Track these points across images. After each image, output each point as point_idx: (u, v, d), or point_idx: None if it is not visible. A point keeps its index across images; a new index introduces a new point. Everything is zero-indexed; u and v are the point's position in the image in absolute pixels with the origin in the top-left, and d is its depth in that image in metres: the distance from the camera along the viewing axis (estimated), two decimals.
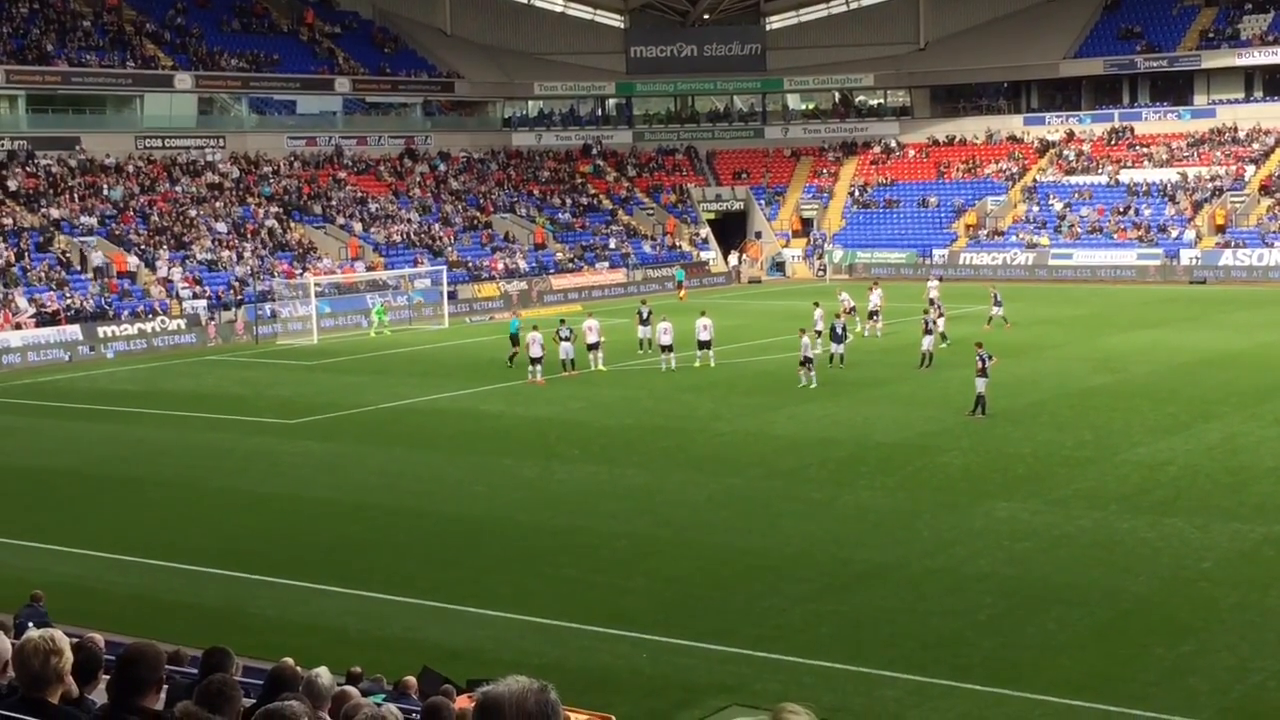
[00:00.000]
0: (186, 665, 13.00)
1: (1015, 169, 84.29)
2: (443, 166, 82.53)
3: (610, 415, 38.20)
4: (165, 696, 6.25)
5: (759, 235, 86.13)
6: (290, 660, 11.35)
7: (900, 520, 26.10)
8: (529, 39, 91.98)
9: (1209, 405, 36.29)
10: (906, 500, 27.60)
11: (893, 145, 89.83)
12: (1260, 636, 19.38)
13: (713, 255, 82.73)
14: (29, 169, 66.99)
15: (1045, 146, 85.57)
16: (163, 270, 62.09)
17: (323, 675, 9.86)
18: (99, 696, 6.81)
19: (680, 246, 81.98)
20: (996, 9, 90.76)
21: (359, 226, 72.24)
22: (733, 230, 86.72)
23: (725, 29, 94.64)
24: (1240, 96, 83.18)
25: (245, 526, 27.56)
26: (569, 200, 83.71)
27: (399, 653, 19.21)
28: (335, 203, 74.27)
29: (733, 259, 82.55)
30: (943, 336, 47.32)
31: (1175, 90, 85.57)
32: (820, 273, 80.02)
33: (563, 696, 15.38)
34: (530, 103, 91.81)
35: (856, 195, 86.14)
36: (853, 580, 22.69)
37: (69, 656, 5.89)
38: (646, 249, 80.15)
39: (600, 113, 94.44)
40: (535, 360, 43.57)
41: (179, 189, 70.22)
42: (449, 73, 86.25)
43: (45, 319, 55.25)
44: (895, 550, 24.14)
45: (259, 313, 59.74)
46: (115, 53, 73.65)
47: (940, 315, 48.20)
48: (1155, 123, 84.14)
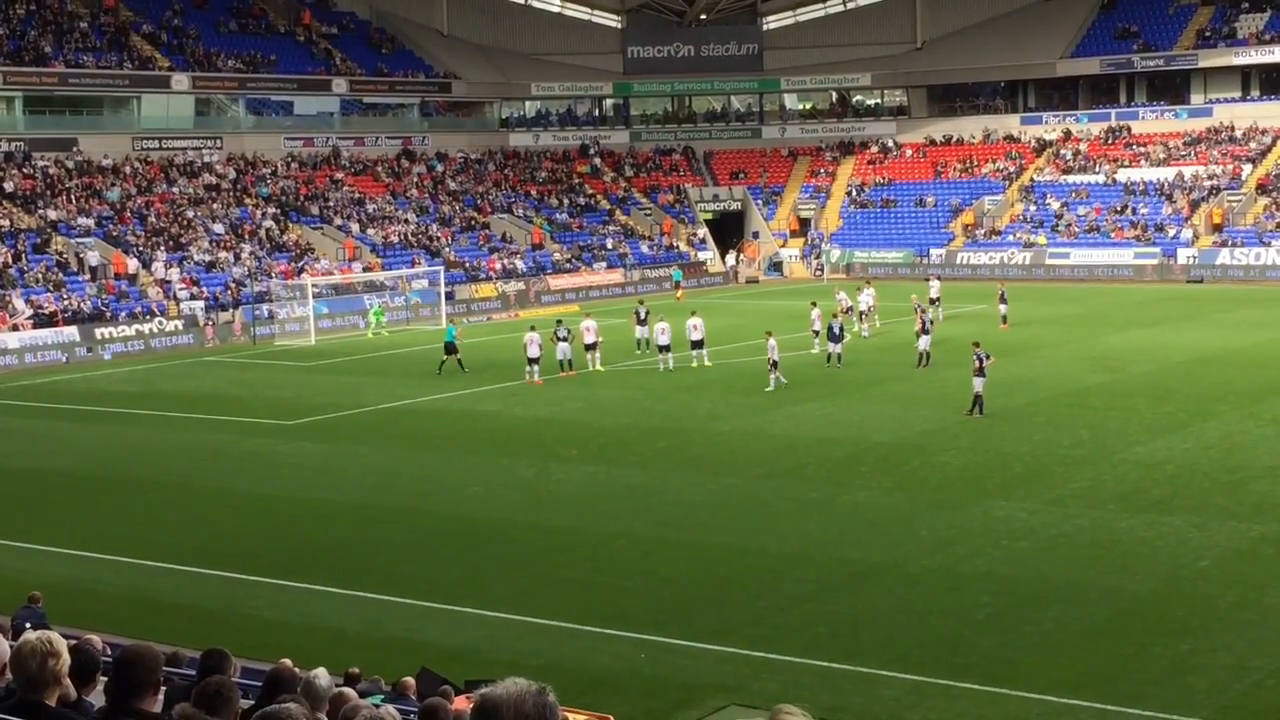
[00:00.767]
0: (184, 667, 12.99)
1: (1012, 168, 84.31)
2: (440, 167, 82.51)
3: (608, 415, 38.20)
4: (163, 698, 6.24)
5: (756, 235, 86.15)
6: (288, 661, 11.34)
7: (898, 520, 26.10)
8: (526, 39, 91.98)
9: (1206, 404, 36.29)
10: (904, 500, 27.60)
11: (890, 145, 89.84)
12: (1258, 635, 19.38)
13: (710, 255, 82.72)
14: (26, 170, 66.95)
15: (1042, 146, 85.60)
16: (160, 271, 62.05)
17: (321, 676, 9.86)
18: (97, 698, 6.80)
19: (678, 247, 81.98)
20: (993, 8, 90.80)
21: (356, 227, 72.22)
22: (730, 230, 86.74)
23: (722, 29, 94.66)
24: (1237, 95, 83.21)
25: (243, 527, 27.55)
26: (566, 200, 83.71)
27: (397, 653, 19.20)
28: (332, 203, 74.25)
29: (730, 259, 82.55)
30: (918, 335, 46.86)
31: (1172, 89, 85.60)
32: (818, 273, 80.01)
33: (561, 697, 15.34)
34: (527, 103, 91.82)
35: (854, 195, 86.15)
36: (851, 580, 22.69)
37: (66, 658, 5.88)
38: (644, 249, 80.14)
39: (597, 113, 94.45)
40: (533, 361, 43.56)
41: (176, 190, 70.20)
42: (446, 73, 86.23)
43: (43, 320, 55.22)
44: (893, 550, 24.14)
45: (256, 314, 59.73)
46: (112, 54, 73.60)
47: (921, 309, 47.61)
48: (1152, 122, 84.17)
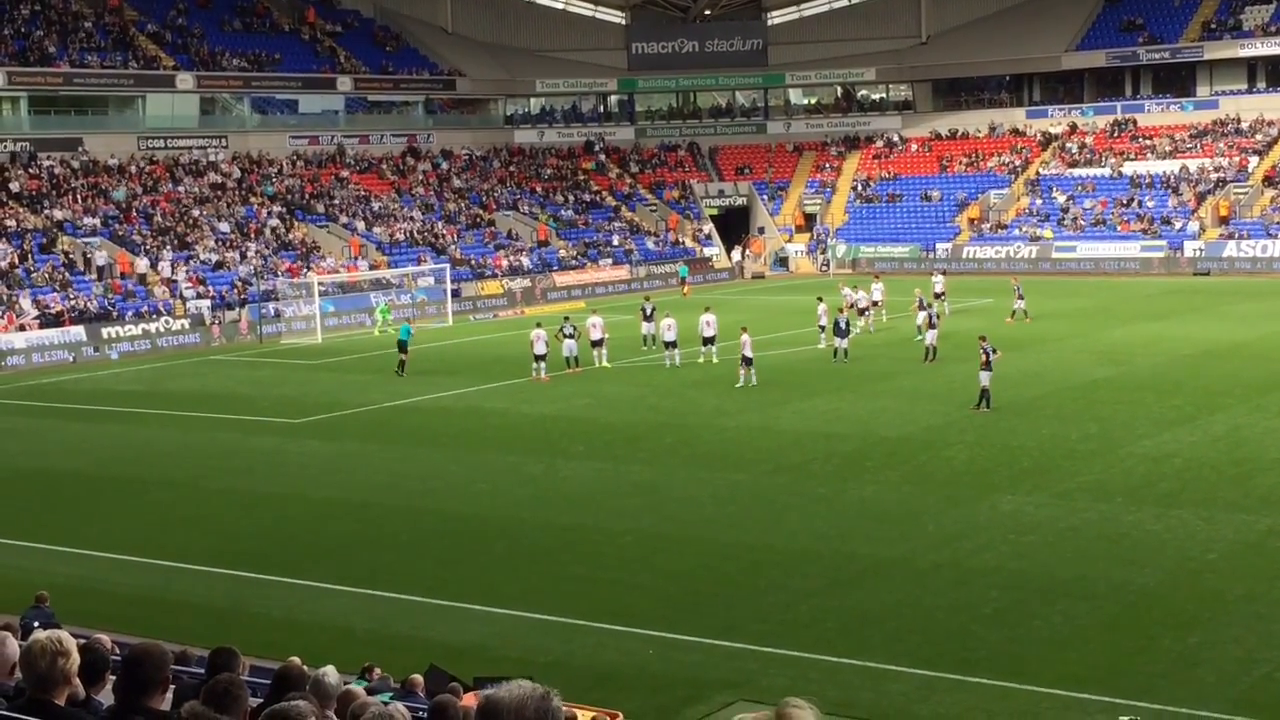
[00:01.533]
0: (193, 665, 13.00)
1: (1018, 162, 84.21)
2: (445, 164, 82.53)
3: (614, 412, 38.20)
4: (172, 697, 6.25)
5: (762, 230, 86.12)
6: (297, 660, 11.36)
7: (905, 515, 26.09)
8: (530, 36, 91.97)
9: (1214, 397, 36.24)
10: (912, 494, 27.58)
11: (895, 139, 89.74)
12: (1267, 628, 19.36)
13: (716, 251, 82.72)
14: (32, 170, 67.05)
15: (1048, 139, 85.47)
16: (166, 270, 62.13)
17: (330, 674, 9.86)
18: (106, 697, 6.81)
19: (683, 242, 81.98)
20: (998, 2, 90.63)
21: (362, 225, 72.26)
22: (736, 226, 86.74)
23: (727, 24, 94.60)
24: (1243, 87, 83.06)
25: (250, 526, 27.57)
26: (572, 197, 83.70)
27: (405, 651, 19.21)
28: (338, 201, 74.30)
29: (736, 254, 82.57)
30: (919, 329, 47.17)
31: (1178, 82, 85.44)
32: (824, 268, 79.95)
33: (570, 693, 15.28)
34: (532, 100, 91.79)
35: (859, 190, 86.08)
36: (858, 575, 22.68)
37: (75, 658, 5.89)
38: (650, 245, 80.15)
39: (602, 109, 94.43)
40: (539, 358, 43.56)
41: (182, 189, 70.26)
42: (451, 70, 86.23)
43: (49, 320, 55.29)
44: (901, 545, 24.13)
45: (263, 312, 59.76)
46: (117, 53, 73.66)
47: (922, 304, 48.04)
48: (1158, 115, 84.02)
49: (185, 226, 66.80)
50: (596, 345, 45.67)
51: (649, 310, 49.85)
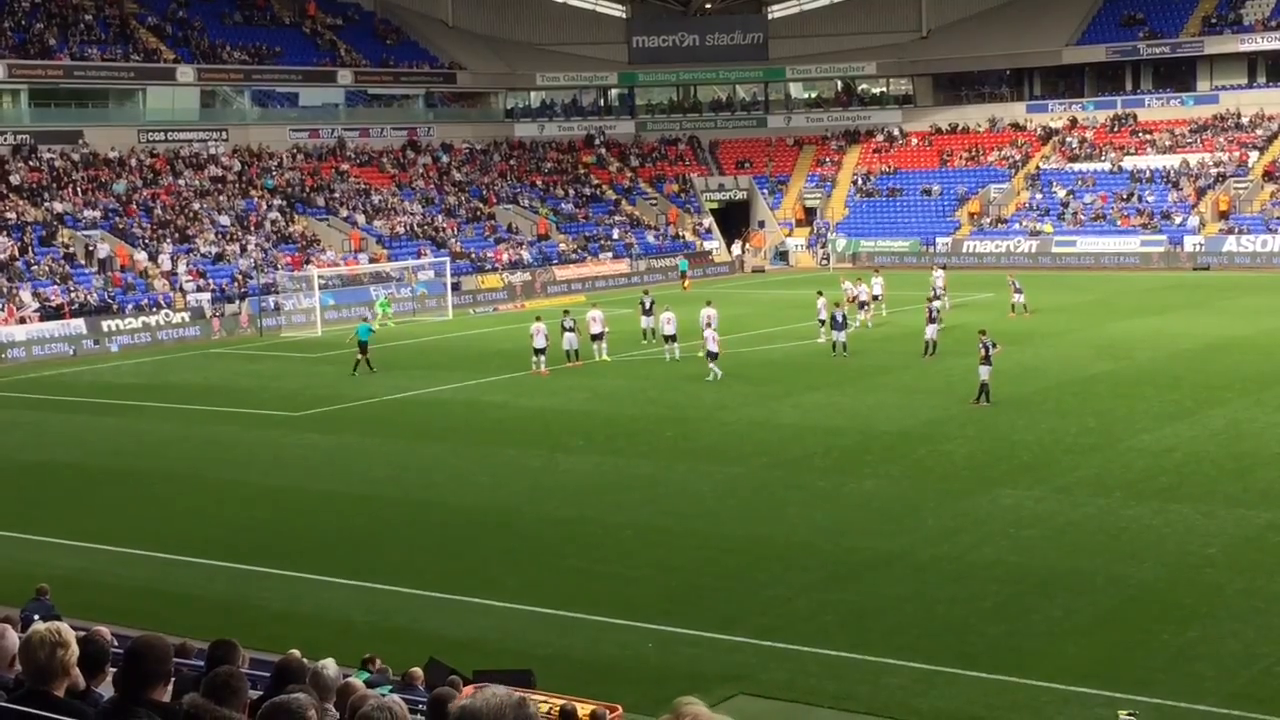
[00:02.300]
0: (193, 658, 13.01)
1: (1018, 156, 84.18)
2: (445, 158, 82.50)
3: (614, 405, 38.21)
4: (172, 689, 6.26)
5: (762, 224, 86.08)
6: (297, 652, 11.36)
7: (905, 508, 26.10)
8: (531, 30, 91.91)
9: (1213, 391, 36.24)
10: (911, 488, 27.59)
11: (895, 133, 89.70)
12: (1266, 622, 19.37)
13: (716, 245, 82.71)
14: (32, 163, 67.02)
15: (1048, 134, 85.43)
16: (166, 263, 62.13)
17: (329, 667, 9.88)
18: (106, 689, 6.82)
19: (683, 236, 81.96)
20: None
21: (362, 218, 72.25)
22: (736, 220, 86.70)
23: (727, 18, 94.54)
24: (1243, 82, 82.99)
25: (251, 519, 27.60)
26: (572, 191, 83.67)
27: (405, 644, 19.22)
28: (338, 195, 74.28)
29: (736, 248, 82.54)
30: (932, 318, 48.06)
31: (1178, 76, 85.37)
32: (824, 262, 79.92)
33: (568, 686, 15.34)
34: (532, 93, 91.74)
35: (859, 184, 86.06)
36: (858, 568, 22.69)
37: (74, 649, 5.90)
38: (650, 239, 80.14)
39: (603, 103, 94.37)
40: (539, 351, 43.56)
41: (182, 182, 70.24)
42: (451, 64, 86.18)
43: (49, 313, 55.31)
44: (900, 538, 24.14)
45: (263, 305, 59.79)
46: (117, 46, 73.62)
47: (937, 298, 49.42)
48: (1158, 109, 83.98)
49: (185, 219, 66.79)
50: (596, 339, 45.66)
51: (648, 304, 49.86)
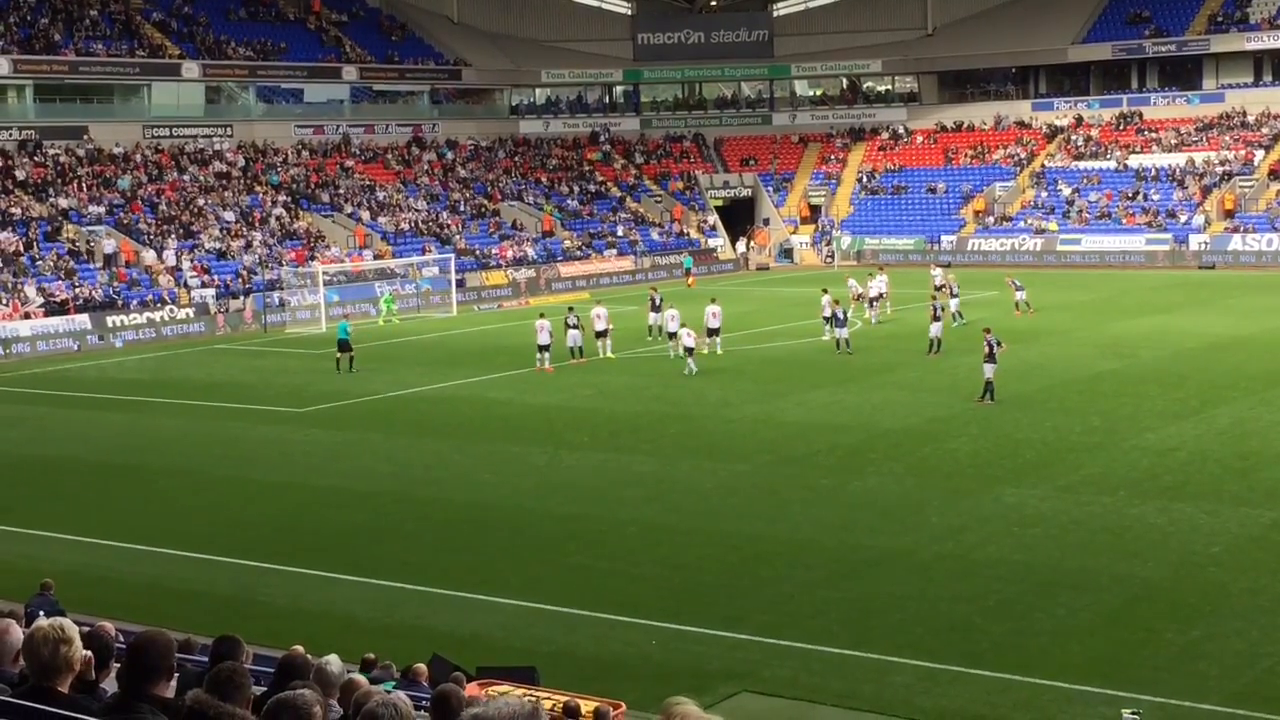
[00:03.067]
0: (197, 653, 13.02)
1: (1023, 154, 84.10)
2: (450, 154, 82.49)
3: (619, 402, 38.21)
4: (176, 684, 6.26)
5: (767, 222, 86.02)
6: (300, 648, 11.36)
7: (909, 506, 26.09)
8: (536, 26, 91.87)
9: (1218, 390, 36.21)
10: (915, 486, 27.58)
11: (900, 131, 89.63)
12: (1270, 621, 19.35)
13: (721, 242, 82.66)
14: (37, 159, 67.06)
15: (1053, 132, 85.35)
16: (171, 259, 62.15)
17: (333, 663, 9.88)
18: (110, 685, 6.82)
19: (688, 234, 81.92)
20: None
21: (367, 215, 72.25)
22: (741, 217, 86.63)
23: (732, 15, 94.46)
24: (1249, 81, 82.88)
25: (254, 514, 27.61)
26: (576, 188, 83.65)
27: (409, 640, 19.23)
28: (343, 191, 74.28)
29: (741, 246, 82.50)
30: (956, 315, 49.34)
31: (1184, 75, 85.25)
32: (828, 259, 79.87)
33: (573, 683, 15.35)
34: (537, 90, 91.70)
35: (864, 181, 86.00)
36: (862, 566, 22.69)
37: (79, 645, 5.89)
38: (654, 236, 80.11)
39: (607, 100, 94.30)
40: (543, 348, 43.57)
41: (187, 178, 70.27)
42: (456, 60, 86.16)
43: (54, 308, 55.34)
44: (904, 536, 24.13)
45: (267, 301, 59.81)
46: (122, 42, 73.64)
47: (954, 296, 50.13)
48: (1164, 108, 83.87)
49: (190, 215, 66.81)
50: (601, 336, 45.67)
51: (658, 300, 49.86)
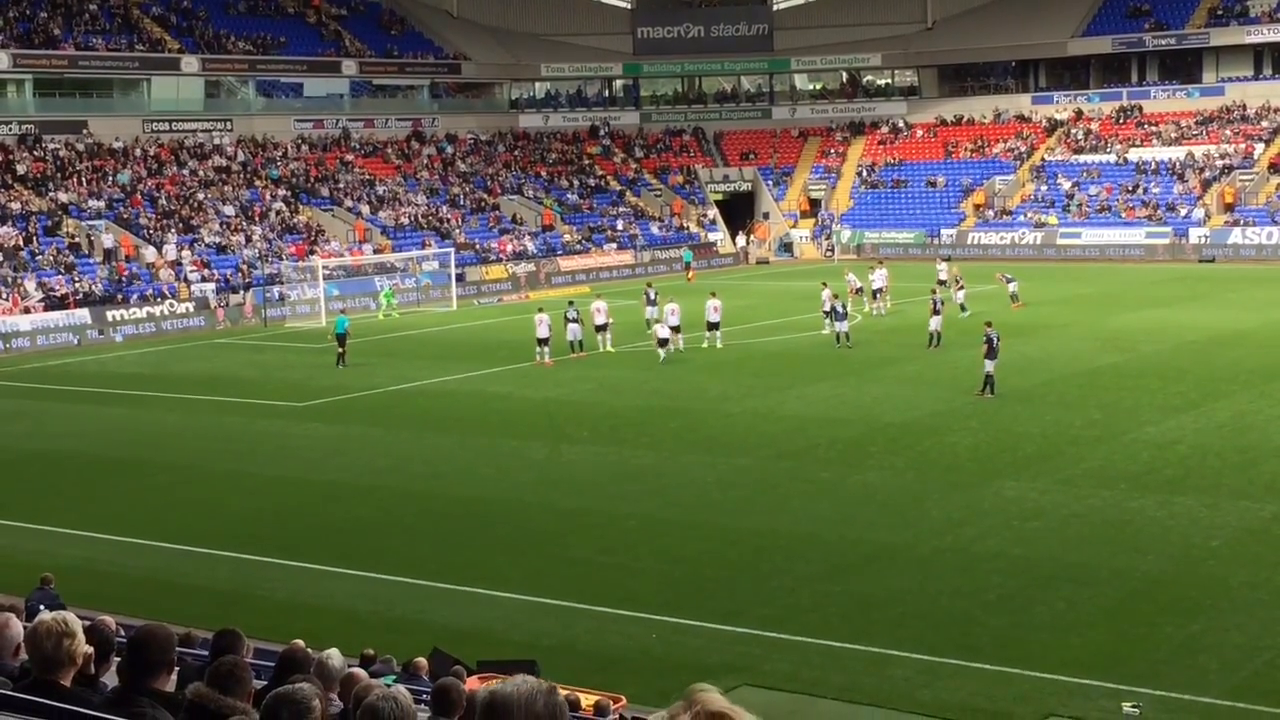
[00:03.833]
0: (197, 647, 13.03)
1: (1023, 148, 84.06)
2: (450, 149, 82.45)
3: (619, 396, 38.21)
4: (176, 678, 6.27)
5: (766, 216, 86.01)
6: (301, 642, 11.38)
7: (909, 500, 26.10)
8: (535, 20, 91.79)
9: (1218, 384, 36.21)
10: (915, 480, 27.59)
11: (900, 125, 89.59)
12: (1270, 615, 19.37)
13: (720, 236, 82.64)
14: (36, 153, 67.03)
15: (1053, 125, 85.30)
16: (171, 254, 62.13)
17: (333, 657, 9.89)
18: (110, 679, 6.83)
19: (688, 228, 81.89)
20: None
21: (366, 209, 72.23)
22: (740, 211, 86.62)
23: (732, 9, 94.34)
24: (1249, 74, 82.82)
25: (255, 509, 27.62)
26: (576, 182, 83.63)
27: (409, 634, 19.25)
28: (343, 185, 74.25)
29: (740, 240, 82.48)
30: (962, 307, 49.36)
31: (1184, 68, 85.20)
32: (828, 253, 79.86)
33: (573, 677, 15.37)
34: (537, 84, 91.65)
35: (864, 175, 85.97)
36: (862, 560, 22.70)
37: (81, 639, 5.90)
38: (654, 230, 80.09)
39: (607, 94, 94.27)
40: (542, 342, 43.57)
41: (186, 172, 70.24)
42: (456, 55, 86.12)
43: (54, 303, 55.32)
44: (904, 530, 24.14)
45: (267, 296, 59.79)
46: (122, 36, 73.60)
47: (960, 289, 50.26)
48: (1164, 101, 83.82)
49: (190, 210, 66.78)
50: (601, 330, 45.67)
51: (653, 295, 49.86)
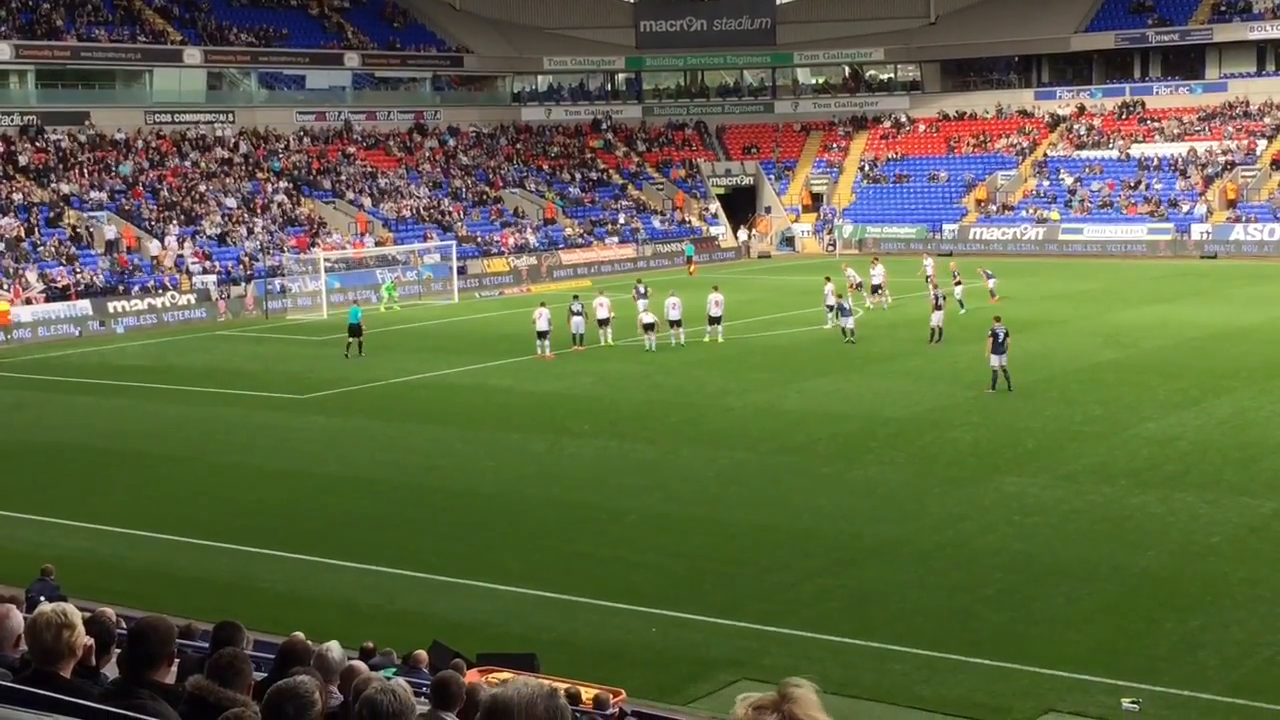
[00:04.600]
0: (197, 639, 13.04)
1: (1026, 143, 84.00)
2: (452, 141, 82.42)
3: (619, 390, 38.21)
4: (176, 670, 6.27)
5: (768, 210, 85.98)
6: (301, 635, 11.38)
7: (910, 495, 26.11)
8: (538, 13, 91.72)
9: (1219, 380, 36.20)
10: (916, 475, 27.59)
11: (903, 120, 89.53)
12: (1270, 611, 19.38)
13: (722, 230, 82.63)
14: (39, 144, 67.01)
15: (1056, 121, 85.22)
16: (173, 245, 62.12)
17: (334, 650, 9.90)
18: (110, 670, 6.83)
19: (690, 221, 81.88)
20: None
21: (368, 201, 72.21)
22: (742, 205, 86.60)
23: (735, 3, 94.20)
24: (1252, 70, 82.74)
25: (255, 501, 27.62)
26: (578, 175, 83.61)
27: (409, 627, 19.26)
28: (345, 178, 74.24)
29: (742, 234, 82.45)
30: (961, 303, 49.35)
31: (1187, 64, 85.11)
32: (830, 248, 79.82)
33: (573, 670, 15.38)
34: (540, 77, 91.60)
35: (866, 170, 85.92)
36: (862, 555, 22.71)
37: (81, 630, 5.90)
38: (656, 224, 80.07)
39: (610, 87, 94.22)
40: (543, 335, 43.56)
41: (188, 164, 70.23)
42: (458, 47, 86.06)
43: (55, 294, 55.33)
44: (904, 525, 24.15)
45: (269, 288, 59.80)
46: (124, 27, 73.55)
47: (957, 284, 50.07)
48: (1166, 97, 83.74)
49: (192, 201, 66.77)
50: (603, 324, 45.66)
51: (643, 290, 49.67)
